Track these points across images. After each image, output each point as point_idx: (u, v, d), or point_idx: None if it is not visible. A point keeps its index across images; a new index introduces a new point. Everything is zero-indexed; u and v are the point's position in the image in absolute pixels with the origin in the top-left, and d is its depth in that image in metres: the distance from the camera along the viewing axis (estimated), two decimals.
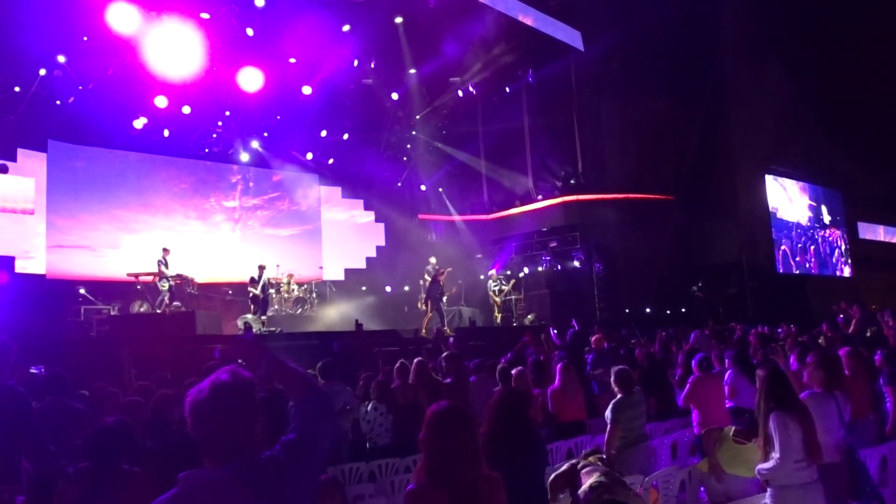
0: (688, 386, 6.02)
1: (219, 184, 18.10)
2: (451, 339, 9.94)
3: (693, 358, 6.30)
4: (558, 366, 6.62)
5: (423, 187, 21.20)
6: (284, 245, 18.73)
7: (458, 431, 2.43)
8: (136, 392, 5.37)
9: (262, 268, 14.73)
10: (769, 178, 23.20)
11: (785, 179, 23.95)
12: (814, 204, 25.37)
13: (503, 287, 17.50)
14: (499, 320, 17.17)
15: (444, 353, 7.74)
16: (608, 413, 5.17)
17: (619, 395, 5.31)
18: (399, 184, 20.91)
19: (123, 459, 3.34)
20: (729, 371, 5.77)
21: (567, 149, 19.68)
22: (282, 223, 19.07)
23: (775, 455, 3.60)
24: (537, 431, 3.91)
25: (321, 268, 18.54)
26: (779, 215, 23.34)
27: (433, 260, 16.09)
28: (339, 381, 6.46)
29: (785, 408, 3.66)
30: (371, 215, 20.57)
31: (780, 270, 22.75)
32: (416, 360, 6.95)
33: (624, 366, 5.71)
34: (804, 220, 24.73)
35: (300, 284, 16.81)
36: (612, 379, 5.52)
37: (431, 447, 2.45)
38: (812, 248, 24.83)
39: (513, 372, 6.39)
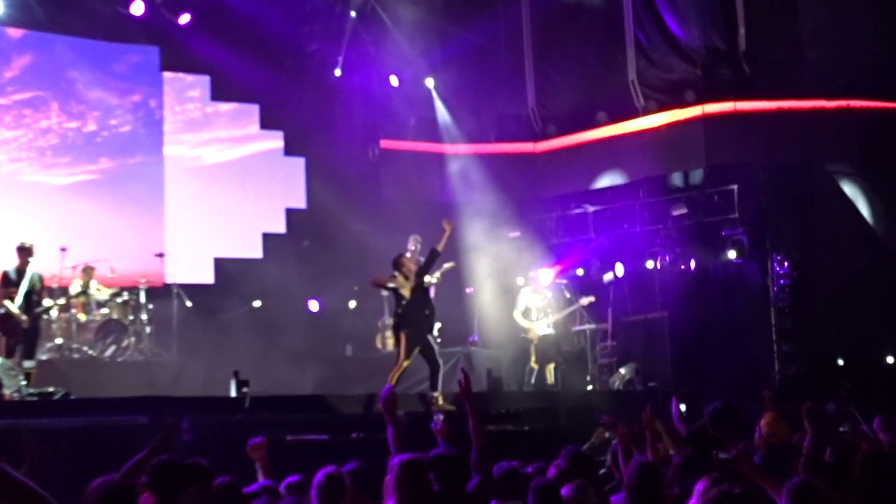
0: None
1: None
2: (441, 421, 10.09)
3: None
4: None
5: (392, 80, 21.37)
6: (77, 207, 18.95)
7: None
8: None
9: (23, 252, 14.77)
10: None
11: None
12: None
13: (569, 306, 17.74)
14: (552, 378, 17.36)
15: (435, 452, 7.84)
16: None
17: None
18: (337, 71, 21.10)
19: None
20: None
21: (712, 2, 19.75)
22: (60, 157, 19.31)
23: None
24: None
25: (161, 255, 18.77)
26: None
27: (415, 245, 16.24)
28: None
29: None
30: (276, 141, 20.85)
31: None
32: (396, 462, 7.02)
33: (806, 477, 5.84)
34: None
35: (116, 292, 17.04)
36: (782, 499, 5.73)
37: None
38: None
39: (564, 492, 6.53)
